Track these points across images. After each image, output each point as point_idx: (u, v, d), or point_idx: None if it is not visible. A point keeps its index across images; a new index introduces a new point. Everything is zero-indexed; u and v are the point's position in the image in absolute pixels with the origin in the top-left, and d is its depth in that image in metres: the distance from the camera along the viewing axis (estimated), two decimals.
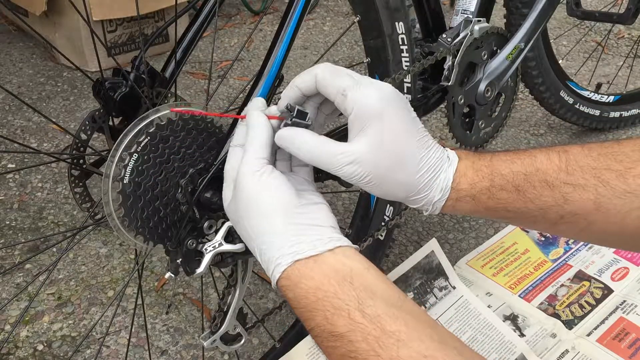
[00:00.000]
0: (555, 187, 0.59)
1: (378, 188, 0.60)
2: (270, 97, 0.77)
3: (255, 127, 0.61)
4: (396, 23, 0.95)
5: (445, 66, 1.02)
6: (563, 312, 1.05)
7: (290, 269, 0.55)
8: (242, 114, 0.65)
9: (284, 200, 0.58)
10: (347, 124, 0.60)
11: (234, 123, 0.75)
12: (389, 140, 0.58)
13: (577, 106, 1.63)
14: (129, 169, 0.67)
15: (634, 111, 1.75)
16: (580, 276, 1.12)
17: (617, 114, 1.72)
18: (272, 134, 0.62)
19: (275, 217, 0.57)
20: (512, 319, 1.04)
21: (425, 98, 1.02)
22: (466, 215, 0.64)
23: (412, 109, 0.62)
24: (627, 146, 0.58)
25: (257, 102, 0.65)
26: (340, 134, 0.85)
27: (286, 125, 0.62)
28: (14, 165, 1.62)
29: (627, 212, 0.56)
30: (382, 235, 1.13)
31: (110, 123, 0.79)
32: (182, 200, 0.72)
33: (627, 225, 0.57)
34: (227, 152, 0.73)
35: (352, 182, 0.61)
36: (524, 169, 0.60)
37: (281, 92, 0.66)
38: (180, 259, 0.72)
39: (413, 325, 0.49)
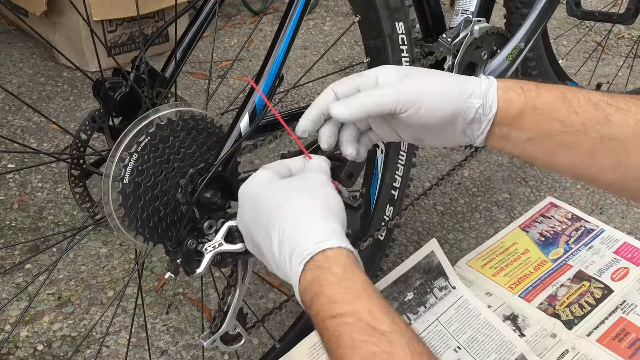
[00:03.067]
0: (598, 106, 0.60)
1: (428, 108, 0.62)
2: (270, 97, 0.77)
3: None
4: (396, 23, 0.95)
5: (445, 66, 1.02)
6: (563, 312, 1.05)
7: (337, 249, 0.54)
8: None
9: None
10: None
11: (234, 123, 0.75)
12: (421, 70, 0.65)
13: None
14: (129, 169, 0.67)
15: None
16: (580, 276, 1.12)
17: None
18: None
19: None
20: (512, 319, 1.04)
21: None
22: (512, 129, 0.63)
23: None
24: None
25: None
26: None
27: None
28: (14, 165, 1.62)
29: None
30: (382, 235, 1.13)
31: (110, 123, 0.79)
32: (182, 200, 0.72)
33: None
34: (227, 152, 0.73)
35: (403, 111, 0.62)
36: (567, 87, 0.62)
37: (281, 92, 0.66)
38: (180, 259, 0.72)
39: None
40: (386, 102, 0.61)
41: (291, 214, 0.58)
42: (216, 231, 0.73)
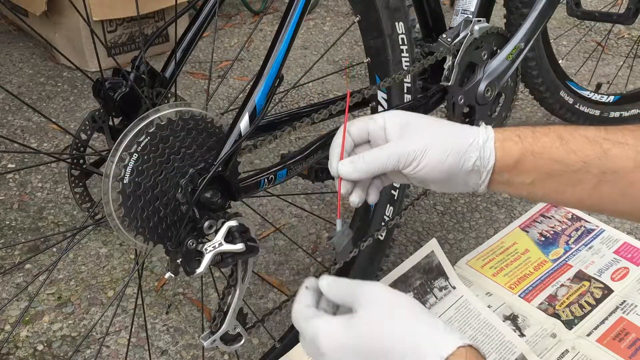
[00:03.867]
0: (595, 142, 0.61)
1: (434, 155, 0.65)
2: (270, 97, 0.77)
3: None
4: (396, 23, 0.95)
5: (445, 66, 1.02)
6: (563, 312, 1.05)
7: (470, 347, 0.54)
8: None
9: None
10: None
11: (234, 123, 0.75)
12: (423, 123, 0.68)
13: (577, 106, 1.62)
14: (129, 169, 0.67)
15: (634, 111, 1.74)
16: (580, 276, 1.12)
17: (617, 114, 1.72)
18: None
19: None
20: (512, 319, 1.04)
21: (425, 98, 1.02)
22: (513, 175, 0.65)
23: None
24: None
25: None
26: None
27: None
28: (14, 165, 1.62)
29: None
30: (382, 235, 1.13)
31: (110, 123, 0.79)
32: (182, 200, 0.72)
33: None
34: (227, 152, 0.73)
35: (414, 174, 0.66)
36: (562, 127, 0.64)
37: (281, 92, 0.67)
38: (180, 259, 0.72)
39: None
40: (388, 163, 0.66)
41: (410, 332, 0.55)
42: (216, 231, 0.73)
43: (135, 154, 0.67)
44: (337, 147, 0.68)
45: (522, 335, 1.01)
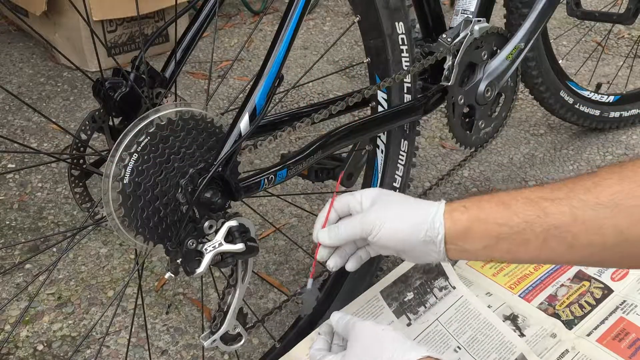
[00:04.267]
0: (534, 202, 0.66)
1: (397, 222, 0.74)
2: (270, 97, 0.77)
3: None
4: (396, 23, 0.95)
5: (445, 66, 1.02)
6: (563, 312, 1.05)
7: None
8: None
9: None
10: None
11: (234, 123, 0.75)
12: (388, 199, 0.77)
13: (577, 106, 1.62)
14: (129, 169, 0.67)
15: (634, 111, 1.74)
16: (580, 276, 1.12)
17: (617, 114, 1.72)
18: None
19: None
20: (512, 319, 1.04)
21: (425, 98, 1.02)
22: (466, 243, 0.71)
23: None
24: (600, 170, 0.65)
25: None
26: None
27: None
28: (14, 165, 1.62)
29: (601, 220, 0.61)
30: None
31: (110, 123, 0.79)
32: (182, 200, 0.72)
33: (607, 236, 0.61)
34: (227, 152, 0.73)
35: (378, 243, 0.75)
36: (505, 192, 0.70)
37: (281, 92, 0.67)
38: (180, 259, 0.72)
39: None
40: (354, 231, 0.75)
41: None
42: (216, 231, 0.73)
43: (135, 154, 0.67)
44: (321, 218, 0.79)
45: (522, 335, 1.01)
